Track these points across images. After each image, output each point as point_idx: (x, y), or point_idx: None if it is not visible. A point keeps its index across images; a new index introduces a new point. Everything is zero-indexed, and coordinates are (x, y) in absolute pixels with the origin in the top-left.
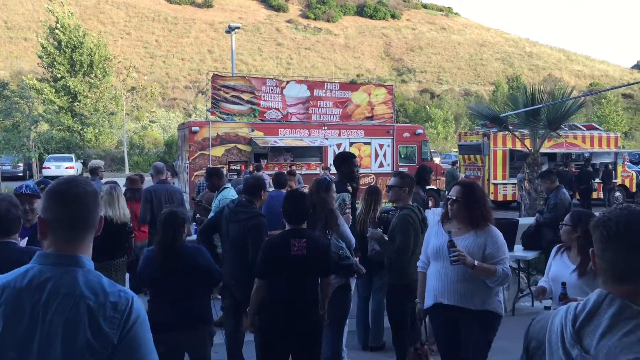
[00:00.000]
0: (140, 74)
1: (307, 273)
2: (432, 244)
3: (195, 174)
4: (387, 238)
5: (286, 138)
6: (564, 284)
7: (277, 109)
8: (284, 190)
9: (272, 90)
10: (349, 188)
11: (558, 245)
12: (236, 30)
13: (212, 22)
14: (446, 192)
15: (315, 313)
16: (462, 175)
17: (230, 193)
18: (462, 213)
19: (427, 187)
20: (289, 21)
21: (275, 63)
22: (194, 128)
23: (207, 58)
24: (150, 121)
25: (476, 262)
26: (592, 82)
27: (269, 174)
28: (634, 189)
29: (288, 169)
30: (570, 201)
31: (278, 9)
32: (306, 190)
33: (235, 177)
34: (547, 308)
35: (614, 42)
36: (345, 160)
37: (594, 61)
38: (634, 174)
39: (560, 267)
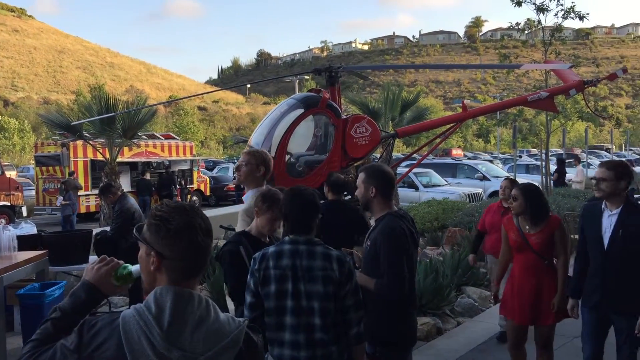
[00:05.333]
0: None
1: None
2: None
3: None
4: None
5: None
6: None
7: None
8: None
9: None
10: None
11: None
12: None
13: None
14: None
15: None
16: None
17: None
18: None
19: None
20: None
21: None
22: None
23: None
24: None
25: None
26: (172, 94)
27: None
28: (208, 193)
29: None
30: (135, 208)
31: None
32: None
33: None
34: None
35: (190, 60)
36: None
37: (172, 75)
38: (208, 179)
39: None
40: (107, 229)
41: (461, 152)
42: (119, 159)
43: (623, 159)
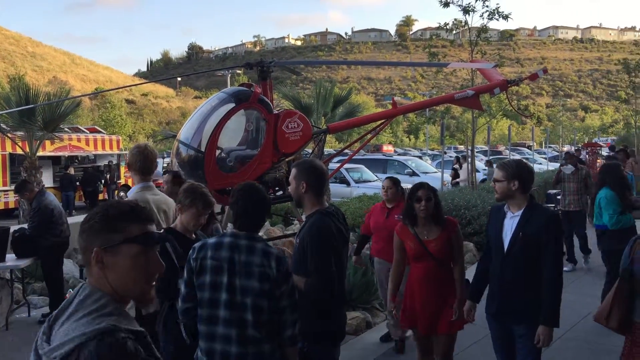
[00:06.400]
0: None
1: None
2: None
3: None
4: None
5: None
6: None
7: None
8: None
9: None
10: None
11: None
12: None
13: None
14: None
15: None
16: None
17: None
18: None
19: None
20: None
21: None
22: None
23: None
24: None
25: None
26: (98, 86)
27: None
28: None
29: None
30: (54, 205)
31: None
32: None
33: None
34: None
35: (118, 51)
36: None
37: (98, 67)
38: None
39: None
40: (26, 226)
41: (392, 148)
42: (40, 153)
43: (519, 158)
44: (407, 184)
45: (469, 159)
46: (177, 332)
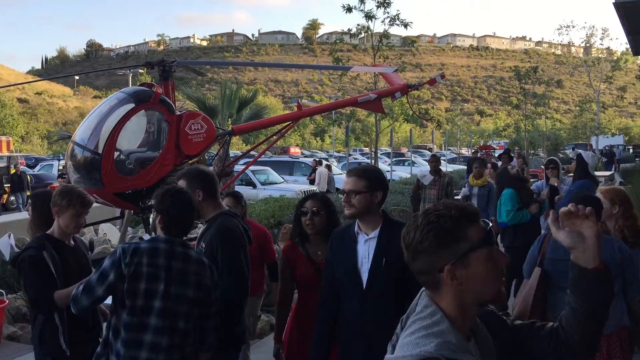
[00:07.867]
0: None
1: None
2: None
3: None
4: None
5: None
6: None
7: None
8: None
9: None
10: None
11: None
12: None
13: None
14: None
15: None
16: None
17: None
18: None
19: None
20: None
21: None
22: None
23: None
24: None
25: None
26: None
27: None
28: (28, 192)
29: None
30: None
31: None
32: None
33: None
34: None
35: (8, 47)
36: None
37: None
38: (29, 177)
39: None
40: None
41: (299, 150)
42: None
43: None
44: (313, 185)
45: (372, 161)
46: (55, 345)
